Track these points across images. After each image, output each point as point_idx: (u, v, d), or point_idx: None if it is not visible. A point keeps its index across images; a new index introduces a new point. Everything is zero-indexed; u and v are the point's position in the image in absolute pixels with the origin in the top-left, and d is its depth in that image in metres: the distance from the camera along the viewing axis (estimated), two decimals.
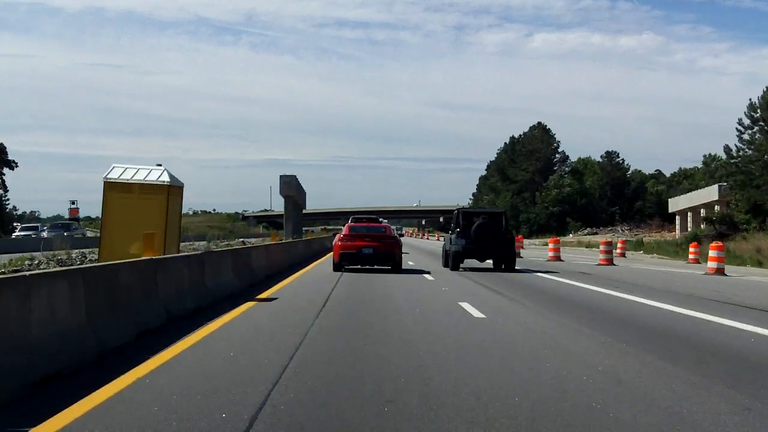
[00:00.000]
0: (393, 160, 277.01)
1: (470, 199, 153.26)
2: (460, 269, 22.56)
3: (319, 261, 30.18)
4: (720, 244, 25.41)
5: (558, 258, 32.41)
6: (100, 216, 20.12)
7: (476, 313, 11.30)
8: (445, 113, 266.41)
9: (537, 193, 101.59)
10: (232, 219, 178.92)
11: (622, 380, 6.41)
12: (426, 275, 20.69)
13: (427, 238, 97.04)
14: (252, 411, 5.14)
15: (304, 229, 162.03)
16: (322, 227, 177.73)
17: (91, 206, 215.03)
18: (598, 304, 13.37)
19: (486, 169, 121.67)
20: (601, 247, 30.96)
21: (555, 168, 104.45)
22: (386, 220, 28.43)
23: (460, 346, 8.15)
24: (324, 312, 11.34)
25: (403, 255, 23.49)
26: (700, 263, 29.58)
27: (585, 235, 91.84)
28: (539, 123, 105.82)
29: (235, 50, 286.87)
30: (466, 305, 12.32)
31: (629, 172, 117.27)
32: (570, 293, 15.82)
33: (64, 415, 5.01)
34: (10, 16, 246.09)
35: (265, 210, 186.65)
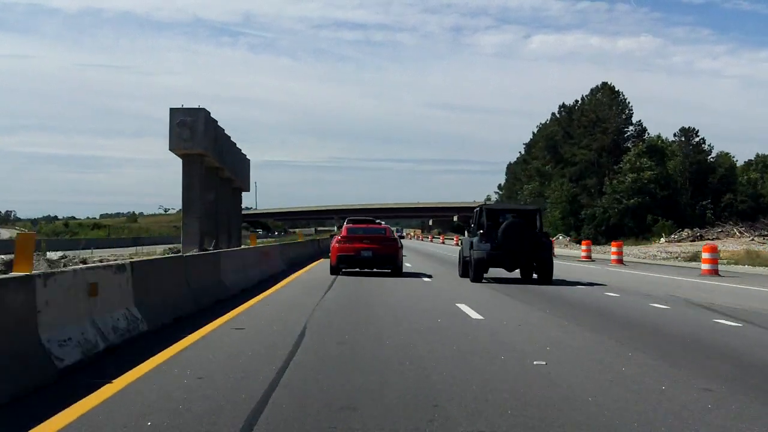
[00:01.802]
0: (392, 161, 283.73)
1: (496, 192, 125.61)
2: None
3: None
4: None
5: None
6: None
7: None
8: (444, 114, 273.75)
9: (605, 179, 72.21)
10: None
11: None
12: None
13: (456, 243, 66.60)
14: None
15: (295, 230, 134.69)
16: (316, 227, 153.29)
17: (89, 206, 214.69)
18: None
19: (525, 150, 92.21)
20: None
21: (628, 145, 75.04)
22: (383, 221, 26.08)
23: None
24: None
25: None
26: None
27: (687, 240, 62.43)
28: (605, 83, 76.38)
29: (234, 51, 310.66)
30: None
31: (712, 155, 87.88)
32: None
33: None
34: (8, 17, 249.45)
35: (247, 208, 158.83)
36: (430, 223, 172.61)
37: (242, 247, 25.31)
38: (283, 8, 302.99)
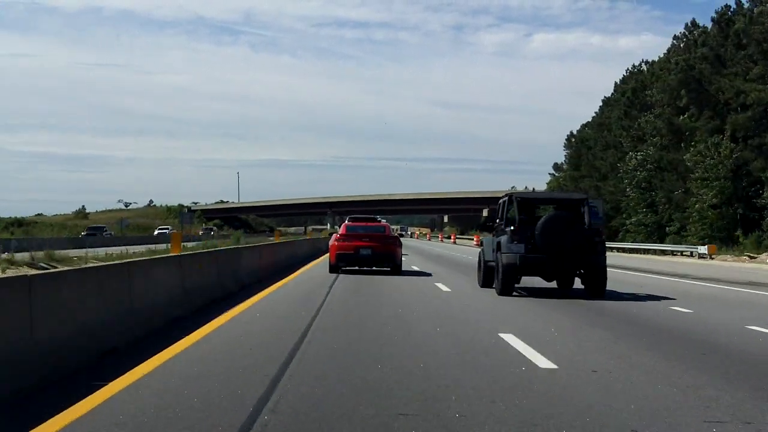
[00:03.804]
0: (394, 160, 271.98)
1: (551, 174, 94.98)
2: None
3: None
4: None
5: None
6: None
7: None
8: (445, 113, 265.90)
9: None
10: (174, 213, 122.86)
11: None
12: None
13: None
14: None
15: (285, 229, 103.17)
16: (306, 226, 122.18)
17: (90, 204, 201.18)
18: None
19: (619, 93, 60.39)
20: None
21: None
22: (384, 219, 25.17)
23: None
24: None
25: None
26: None
27: None
28: None
29: (234, 50, 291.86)
30: None
31: None
32: None
33: None
34: (8, 15, 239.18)
35: (221, 201, 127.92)
36: (445, 219, 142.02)
37: None
38: (283, 6, 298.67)
